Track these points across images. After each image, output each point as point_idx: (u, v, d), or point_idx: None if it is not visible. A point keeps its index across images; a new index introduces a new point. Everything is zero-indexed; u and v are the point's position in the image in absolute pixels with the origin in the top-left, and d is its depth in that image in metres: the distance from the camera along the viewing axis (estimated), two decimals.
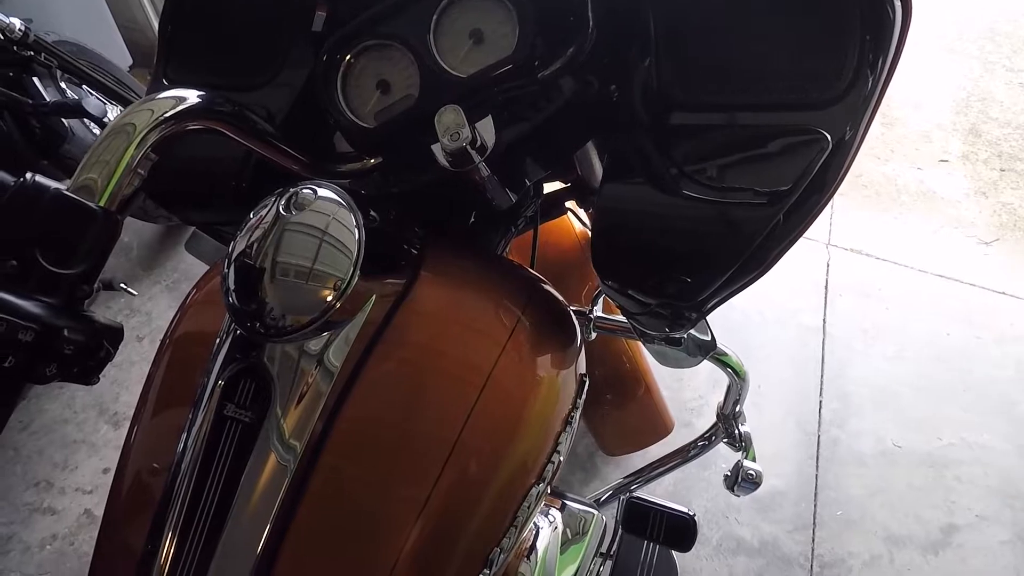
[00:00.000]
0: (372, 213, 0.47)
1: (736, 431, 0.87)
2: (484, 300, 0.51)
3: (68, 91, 1.62)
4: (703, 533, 1.43)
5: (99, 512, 1.43)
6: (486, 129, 0.51)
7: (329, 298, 0.41)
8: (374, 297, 0.45)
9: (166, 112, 0.41)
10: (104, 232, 0.37)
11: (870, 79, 0.40)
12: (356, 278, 0.42)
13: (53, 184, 0.36)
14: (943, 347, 1.77)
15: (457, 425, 0.45)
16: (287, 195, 0.44)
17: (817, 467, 1.55)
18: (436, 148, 0.49)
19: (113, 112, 1.69)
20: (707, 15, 0.46)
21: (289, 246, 0.42)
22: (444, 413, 0.46)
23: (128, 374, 1.65)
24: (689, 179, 0.44)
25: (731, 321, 1.78)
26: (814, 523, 1.46)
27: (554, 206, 0.80)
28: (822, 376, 1.71)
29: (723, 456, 1.37)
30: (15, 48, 1.45)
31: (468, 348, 0.49)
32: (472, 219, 0.66)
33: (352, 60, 0.53)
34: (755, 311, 1.82)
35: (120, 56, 2.12)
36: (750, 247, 0.41)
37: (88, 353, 0.37)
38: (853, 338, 1.79)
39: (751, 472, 0.81)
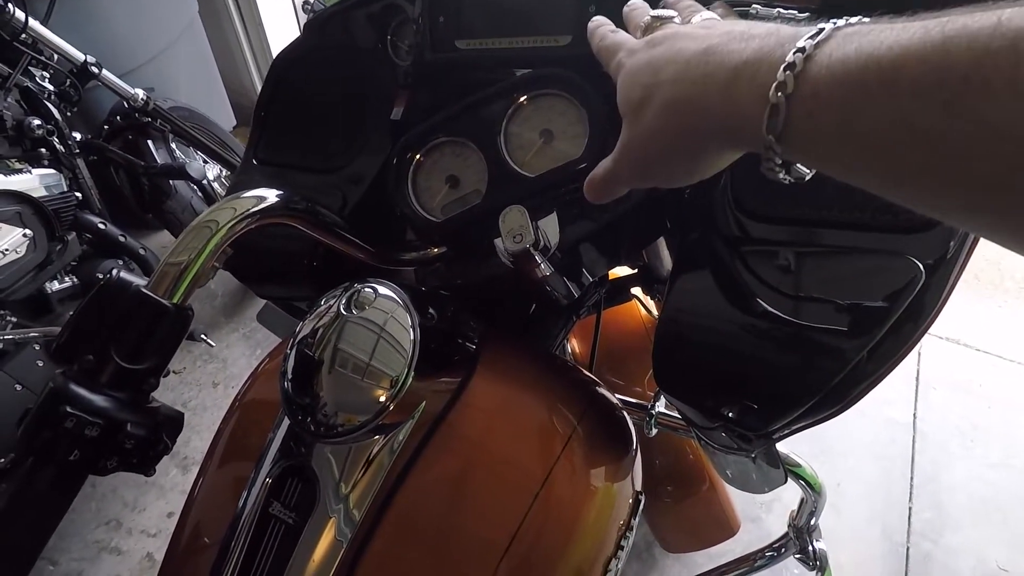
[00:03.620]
0: (431, 311, 0.47)
1: (810, 547, 0.78)
2: (540, 405, 0.50)
3: (177, 152, 1.79)
4: None
5: (159, 557, 1.47)
6: (550, 226, 0.50)
7: (383, 398, 0.41)
8: (424, 403, 0.45)
9: (248, 209, 0.43)
10: (174, 328, 0.39)
11: None
12: (411, 378, 0.42)
13: (135, 281, 0.38)
14: None
15: (509, 532, 0.43)
16: (349, 293, 0.45)
17: None
18: (499, 242, 0.49)
19: (212, 172, 1.84)
20: None
21: (347, 343, 0.43)
22: (495, 520, 0.44)
23: (201, 419, 1.72)
24: (764, 294, 0.41)
25: None
26: None
27: (619, 292, 0.78)
28: (912, 479, 1.54)
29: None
30: (136, 115, 1.62)
31: (522, 455, 0.47)
32: (533, 308, 0.65)
33: (423, 157, 0.54)
34: None
35: (226, 117, 2.34)
36: (830, 381, 0.38)
37: (147, 446, 0.38)
38: (949, 438, 1.62)
39: None
